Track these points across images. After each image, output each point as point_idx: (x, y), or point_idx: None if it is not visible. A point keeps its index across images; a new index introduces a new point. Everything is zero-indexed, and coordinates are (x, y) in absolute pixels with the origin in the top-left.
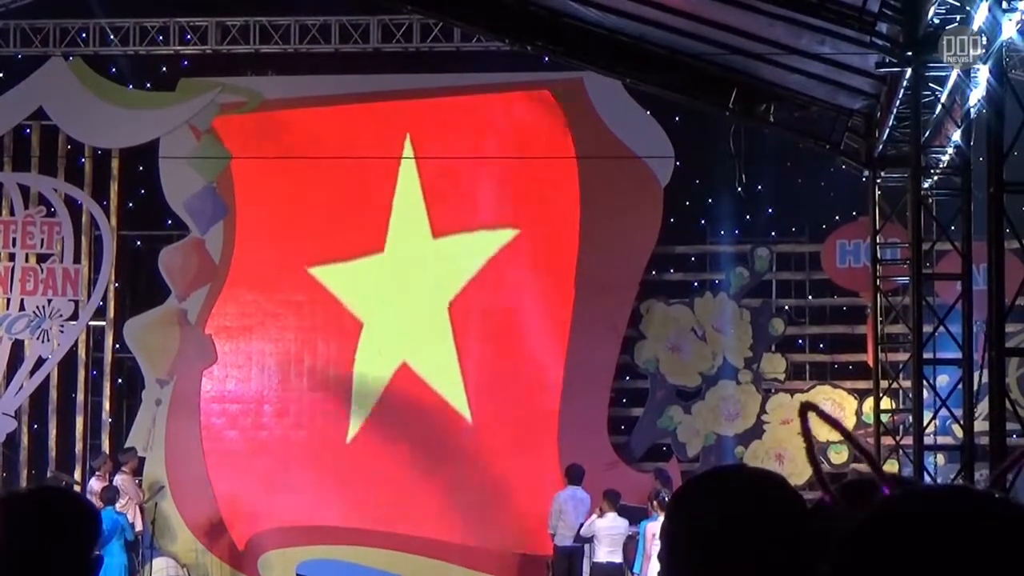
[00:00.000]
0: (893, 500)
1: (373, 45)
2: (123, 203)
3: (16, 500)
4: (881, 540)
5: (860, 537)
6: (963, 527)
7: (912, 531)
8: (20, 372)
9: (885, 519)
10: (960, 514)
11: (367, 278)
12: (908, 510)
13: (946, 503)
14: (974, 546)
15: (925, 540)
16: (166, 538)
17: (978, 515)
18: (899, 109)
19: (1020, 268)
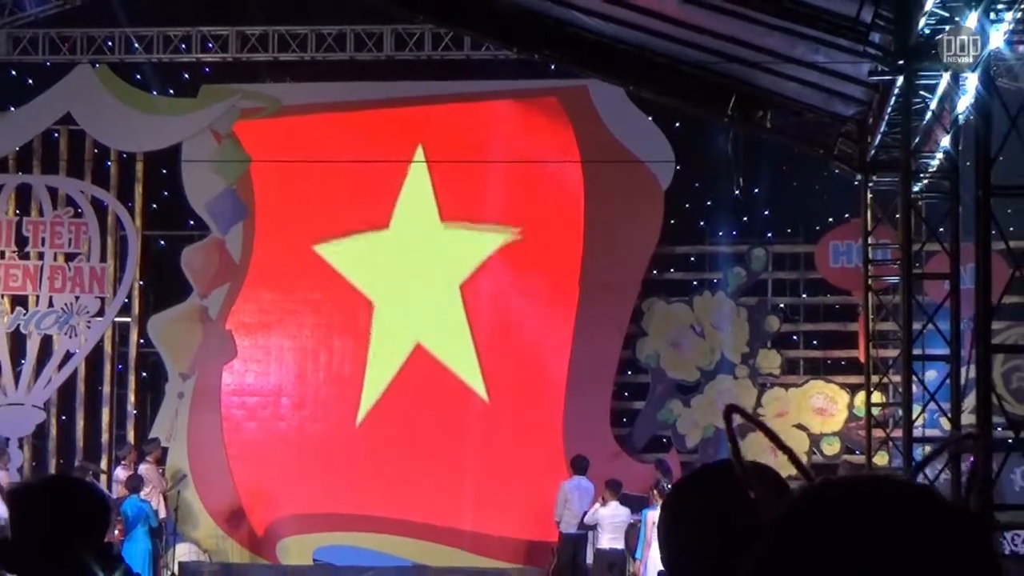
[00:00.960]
0: (808, 492)
1: (387, 53)
2: (147, 204)
3: (28, 491)
4: (796, 531)
5: (778, 529)
6: (873, 515)
7: (825, 522)
8: (49, 366)
9: (800, 512)
10: (871, 503)
11: (373, 254)
12: (822, 502)
13: (859, 493)
14: (882, 532)
15: (836, 529)
16: (188, 525)
17: (888, 504)
18: (890, 116)
19: (1005, 268)
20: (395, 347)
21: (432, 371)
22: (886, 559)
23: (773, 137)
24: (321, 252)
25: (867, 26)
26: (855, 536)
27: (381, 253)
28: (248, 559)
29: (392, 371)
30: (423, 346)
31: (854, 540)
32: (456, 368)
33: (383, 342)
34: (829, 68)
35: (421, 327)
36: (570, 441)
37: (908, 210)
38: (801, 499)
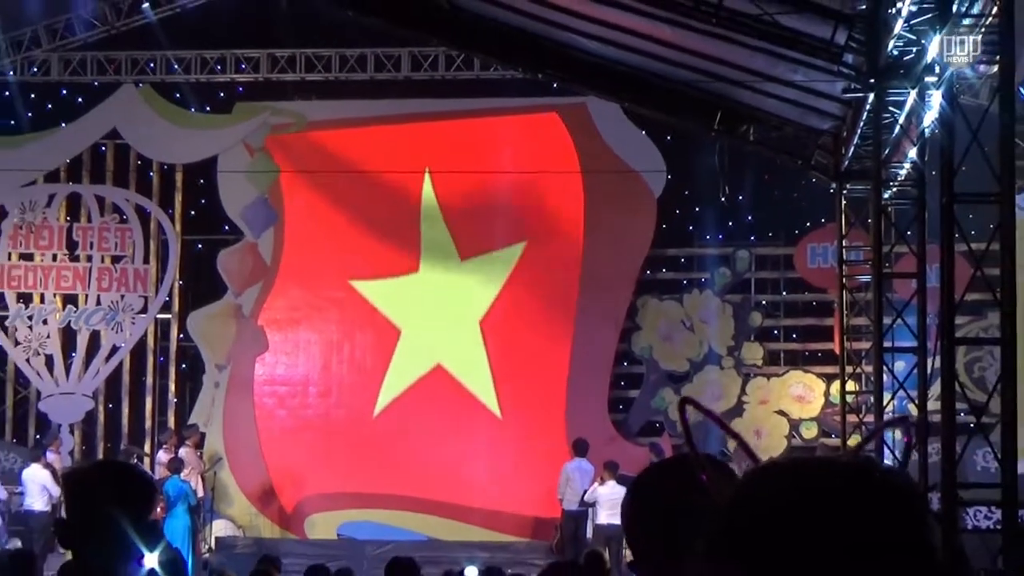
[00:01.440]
0: (753, 475)
1: (404, 74)
2: (186, 211)
3: (81, 474)
4: (743, 510)
5: (727, 509)
6: (807, 492)
7: (767, 501)
8: (97, 359)
9: (746, 493)
10: (806, 481)
11: (404, 293)
12: (764, 483)
13: (796, 474)
14: (815, 506)
15: (776, 507)
16: (224, 503)
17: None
18: (862, 129)
19: (967, 268)
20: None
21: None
22: (820, 529)
23: (755, 149)
24: (356, 287)
25: (841, 48)
26: (792, 511)
27: (411, 292)
28: (279, 534)
29: (412, 379)
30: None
31: (791, 515)
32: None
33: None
34: (806, 86)
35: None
36: (572, 426)
37: (879, 215)
38: (747, 481)
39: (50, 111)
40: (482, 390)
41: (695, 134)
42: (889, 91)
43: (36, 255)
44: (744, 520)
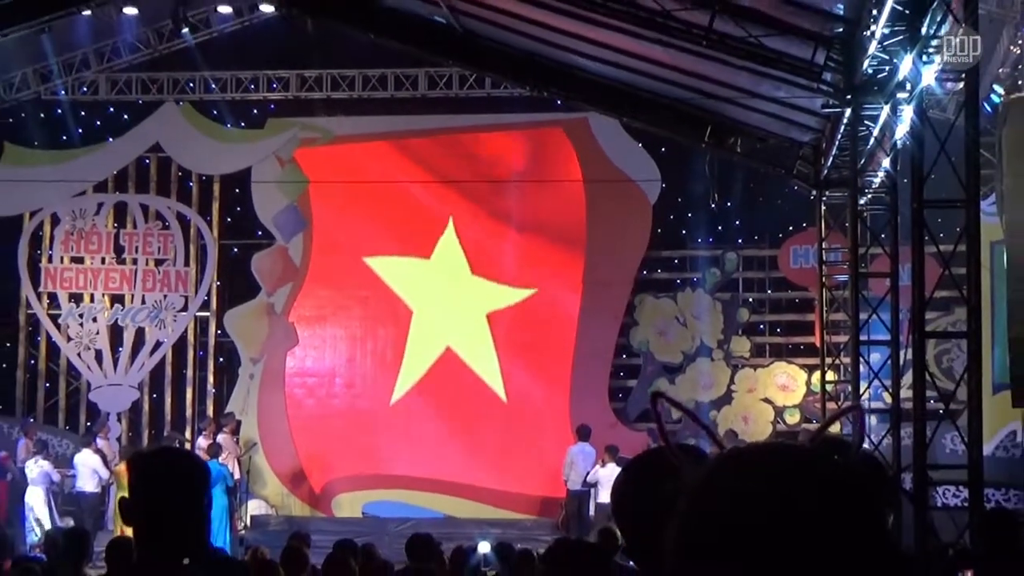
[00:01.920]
0: (717, 460)
1: (421, 92)
2: (223, 218)
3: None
4: (705, 492)
5: (692, 491)
6: (763, 476)
7: (726, 484)
8: (142, 353)
9: (709, 477)
10: (763, 467)
11: (415, 274)
12: (725, 468)
13: (754, 460)
14: (769, 489)
15: (734, 489)
16: (258, 484)
17: (776, 466)
18: (840, 141)
19: (936, 268)
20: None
21: (458, 368)
22: (772, 509)
23: (742, 160)
24: (370, 263)
25: (820, 67)
26: (748, 493)
27: (422, 274)
28: (308, 513)
29: (426, 365)
30: (452, 349)
31: (747, 496)
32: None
33: (419, 342)
34: (788, 102)
35: (452, 336)
36: (575, 413)
37: (855, 220)
38: (711, 467)
39: (99, 127)
40: (490, 376)
41: (687, 146)
42: (864, 106)
43: (86, 258)
44: (707, 502)
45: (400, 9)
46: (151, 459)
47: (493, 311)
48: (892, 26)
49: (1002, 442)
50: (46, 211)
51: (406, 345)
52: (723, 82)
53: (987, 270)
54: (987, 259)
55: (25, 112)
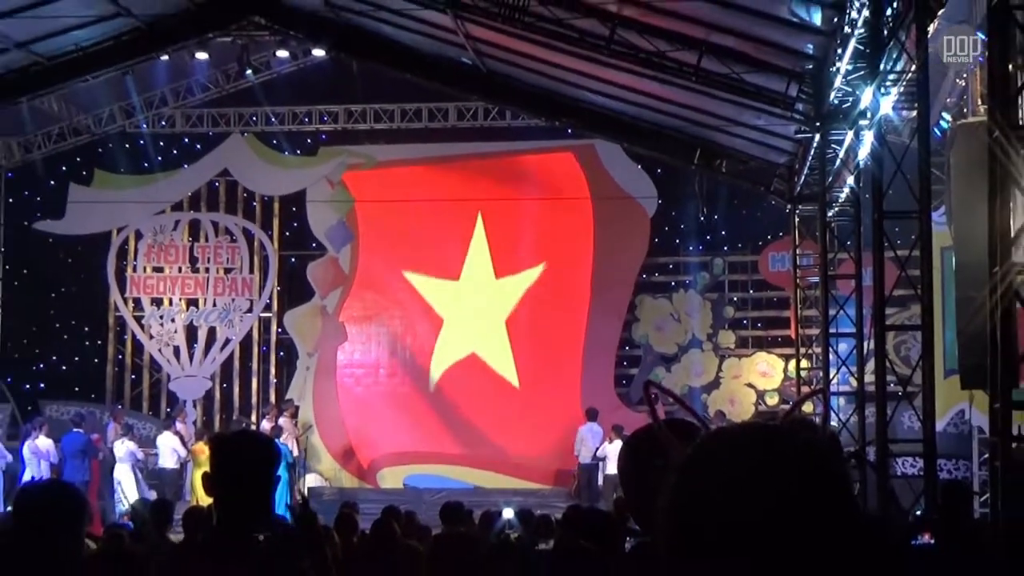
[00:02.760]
0: (701, 439)
1: (451, 123)
2: (282, 232)
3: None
4: (689, 467)
5: (679, 466)
6: (738, 451)
7: (707, 459)
8: (213, 349)
9: (693, 454)
10: (739, 443)
11: (446, 291)
12: (707, 446)
13: (732, 438)
14: (743, 462)
15: (714, 464)
16: (314, 460)
17: (750, 443)
18: (811, 162)
19: (895, 270)
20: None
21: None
22: (745, 479)
23: (727, 178)
24: (408, 277)
25: (793, 99)
26: (725, 467)
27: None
28: (357, 484)
29: (453, 361)
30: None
31: (724, 470)
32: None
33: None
34: (766, 129)
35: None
36: (585, 397)
37: (824, 229)
38: (696, 445)
39: (175, 155)
40: (506, 371)
41: (680, 167)
42: (831, 132)
43: (165, 268)
44: (690, 475)
45: (432, 52)
46: (231, 440)
47: (510, 315)
48: (855, 63)
49: (952, 419)
50: (131, 228)
51: (435, 346)
52: (710, 112)
53: (938, 272)
54: (939, 263)
55: (112, 143)
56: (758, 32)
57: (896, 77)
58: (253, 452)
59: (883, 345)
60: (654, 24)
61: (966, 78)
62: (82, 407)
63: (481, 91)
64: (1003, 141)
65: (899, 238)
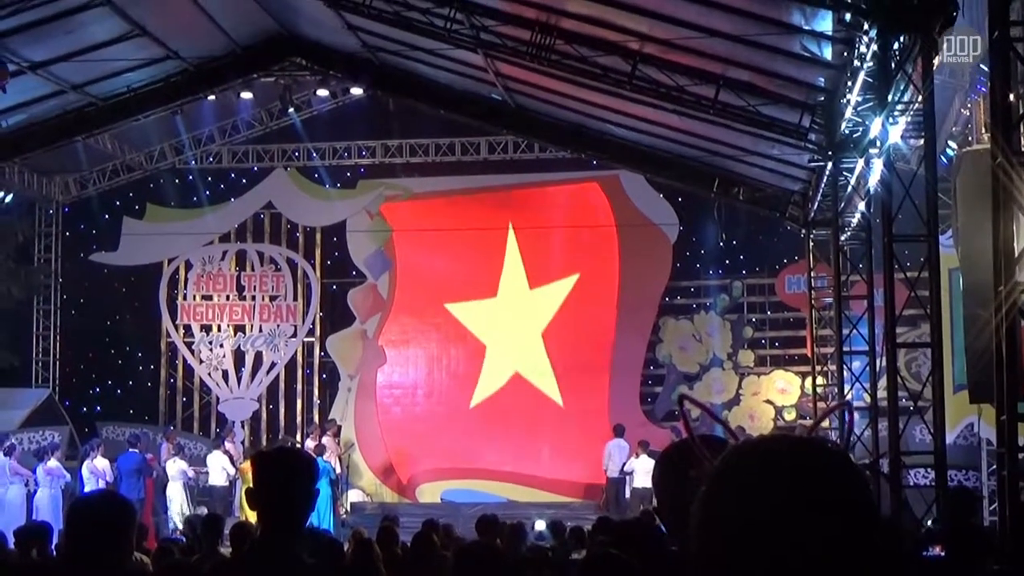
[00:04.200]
0: (730, 450)
1: (483, 156)
2: (324, 261)
3: (266, 455)
4: (720, 478)
5: (711, 477)
6: (767, 463)
7: (737, 470)
8: (260, 372)
9: (723, 464)
10: (768, 455)
11: (485, 313)
12: (737, 457)
13: (760, 449)
14: (783, 472)
15: (754, 471)
16: (356, 477)
17: (778, 454)
18: (824, 189)
19: (905, 291)
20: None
21: (525, 387)
22: (773, 490)
23: (744, 205)
24: (449, 309)
25: (806, 129)
26: (754, 478)
27: (491, 313)
28: (397, 499)
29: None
30: (519, 373)
31: (753, 481)
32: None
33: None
34: (781, 158)
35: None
36: (613, 414)
37: (837, 253)
38: (726, 456)
39: (222, 189)
40: (549, 387)
41: (699, 195)
42: (843, 160)
43: (214, 296)
44: (721, 486)
45: (464, 89)
46: (271, 456)
47: (546, 328)
48: (864, 94)
49: (962, 432)
50: (181, 258)
51: (481, 371)
52: (727, 143)
53: (947, 292)
54: (947, 283)
55: (163, 178)
56: (772, 67)
57: (904, 107)
58: (292, 467)
59: (894, 362)
60: (673, 60)
61: (970, 108)
62: (136, 428)
63: (511, 125)
64: (1006, 166)
65: (909, 260)
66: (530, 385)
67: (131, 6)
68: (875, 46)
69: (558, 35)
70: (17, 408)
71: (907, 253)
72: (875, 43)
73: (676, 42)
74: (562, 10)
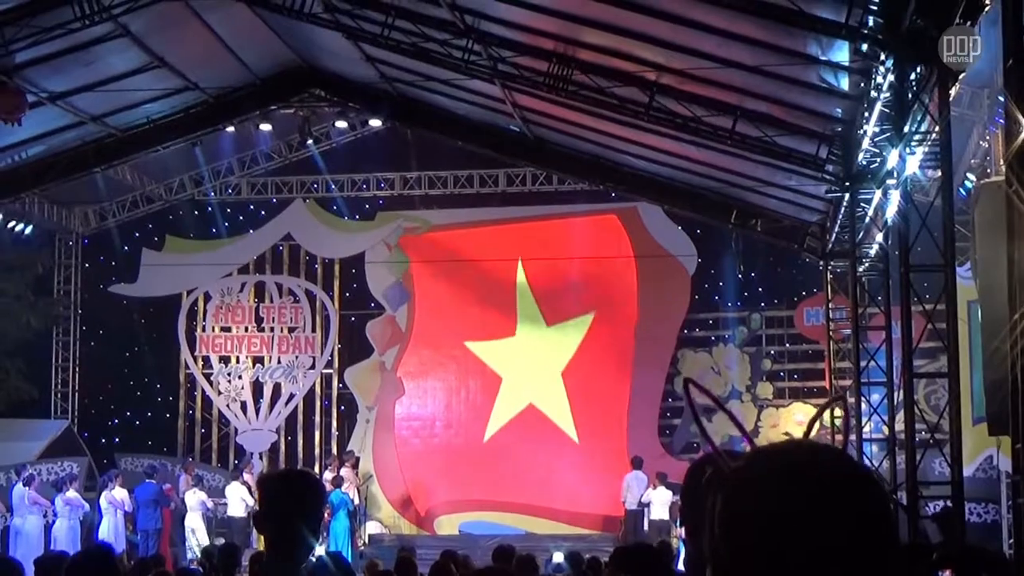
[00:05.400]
0: (749, 455)
1: (501, 188)
2: (342, 293)
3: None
4: (737, 479)
5: (729, 479)
6: (783, 467)
7: (754, 473)
8: (278, 404)
9: (741, 467)
10: (785, 460)
11: (504, 351)
12: (755, 461)
13: (777, 454)
14: (788, 477)
15: (770, 477)
16: (374, 509)
17: (794, 458)
18: (841, 220)
19: (922, 322)
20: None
21: (539, 417)
22: (789, 493)
23: (762, 237)
24: (470, 347)
25: (824, 160)
26: (770, 481)
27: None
28: (415, 531)
29: (511, 416)
30: (534, 404)
31: (770, 483)
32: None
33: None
34: (798, 189)
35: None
36: (631, 446)
37: (855, 285)
38: (745, 460)
39: (241, 221)
40: (564, 423)
41: (717, 227)
42: (860, 191)
43: (233, 328)
44: (738, 487)
45: (482, 120)
46: (276, 478)
47: (565, 367)
48: (881, 125)
49: (981, 465)
50: (200, 290)
51: (495, 401)
52: (745, 174)
53: (965, 325)
54: (966, 315)
55: (183, 210)
56: (789, 97)
57: (921, 138)
58: (297, 489)
59: (911, 392)
60: (691, 91)
61: (989, 140)
62: (155, 459)
63: (529, 156)
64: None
65: (928, 292)
66: (544, 417)
67: (150, 37)
68: (892, 76)
69: (575, 66)
70: (36, 439)
71: (926, 285)
72: (892, 73)
73: (693, 73)
74: (579, 41)
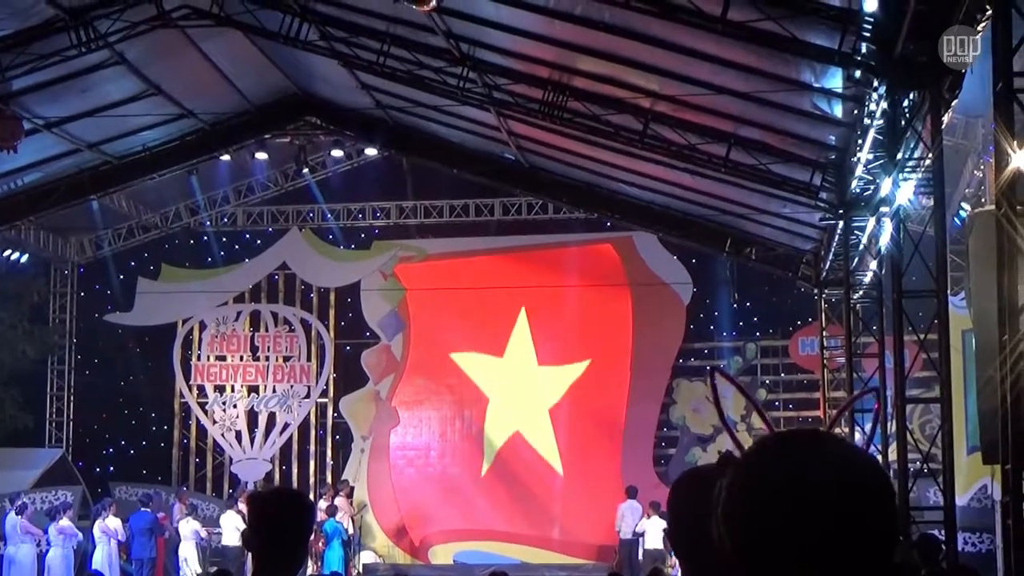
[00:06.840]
0: (761, 440)
1: (497, 217)
2: (338, 322)
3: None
4: (747, 464)
5: (738, 463)
6: (794, 454)
7: (771, 457)
8: (273, 433)
9: (752, 452)
10: (794, 447)
11: (491, 368)
12: (765, 447)
13: (788, 440)
14: (797, 462)
15: (779, 461)
16: (368, 538)
17: (804, 445)
18: (835, 248)
19: (915, 349)
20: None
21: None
22: (797, 479)
23: (757, 265)
24: (454, 358)
25: (817, 188)
26: (779, 465)
27: (497, 370)
28: (410, 561)
29: (499, 445)
30: (520, 433)
31: (778, 468)
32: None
33: (493, 426)
34: (792, 217)
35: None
36: (626, 475)
37: (849, 313)
38: (756, 444)
39: (237, 250)
40: (550, 455)
41: (712, 255)
42: (854, 219)
43: (228, 356)
44: (748, 472)
45: (477, 148)
46: (264, 497)
47: (554, 405)
48: (874, 152)
49: (975, 494)
50: (195, 319)
51: (484, 426)
52: (739, 202)
53: (959, 353)
54: (960, 344)
55: (178, 239)
56: (783, 125)
57: (914, 164)
58: (286, 507)
59: (903, 418)
60: (685, 119)
61: (983, 169)
62: (149, 488)
63: (524, 185)
64: (1010, 216)
65: (921, 322)
66: (530, 447)
67: (146, 65)
68: (884, 103)
69: (570, 93)
70: (30, 468)
71: (920, 315)
72: (884, 100)
73: (687, 99)
74: (574, 68)
